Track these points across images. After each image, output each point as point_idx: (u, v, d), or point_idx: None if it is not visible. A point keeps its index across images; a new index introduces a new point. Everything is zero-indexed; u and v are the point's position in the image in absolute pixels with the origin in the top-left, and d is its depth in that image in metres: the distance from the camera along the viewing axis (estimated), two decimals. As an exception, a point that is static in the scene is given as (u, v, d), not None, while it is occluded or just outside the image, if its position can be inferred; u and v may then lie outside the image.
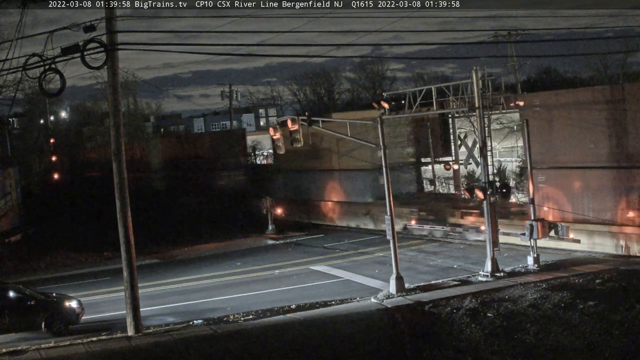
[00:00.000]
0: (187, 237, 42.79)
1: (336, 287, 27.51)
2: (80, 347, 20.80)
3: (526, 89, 61.44)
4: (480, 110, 26.69)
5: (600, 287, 23.18)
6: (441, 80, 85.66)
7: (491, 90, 27.68)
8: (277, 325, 22.01)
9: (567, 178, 30.20)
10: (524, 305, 21.86)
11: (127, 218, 22.23)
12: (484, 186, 26.38)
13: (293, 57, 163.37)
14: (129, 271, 22.14)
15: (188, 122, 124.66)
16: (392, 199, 25.81)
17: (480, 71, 26.52)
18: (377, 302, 24.09)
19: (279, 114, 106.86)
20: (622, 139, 28.14)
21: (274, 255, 36.19)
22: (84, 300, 25.25)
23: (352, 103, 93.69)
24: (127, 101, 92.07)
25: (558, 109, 30.56)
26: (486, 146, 26.79)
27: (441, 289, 25.00)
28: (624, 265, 26.26)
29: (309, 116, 28.53)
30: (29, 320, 23.01)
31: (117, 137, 22.15)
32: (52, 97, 54.52)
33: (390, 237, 25.41)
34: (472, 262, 29.58)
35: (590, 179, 29.33)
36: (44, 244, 42.81)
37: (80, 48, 19.74)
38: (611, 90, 29.20)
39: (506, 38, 55.56)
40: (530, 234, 27.09)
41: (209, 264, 34.86)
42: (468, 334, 20.22)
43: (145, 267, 34.33)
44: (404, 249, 32.83)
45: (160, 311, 25.35)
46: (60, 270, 35.69)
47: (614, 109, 28.29)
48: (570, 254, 29.05)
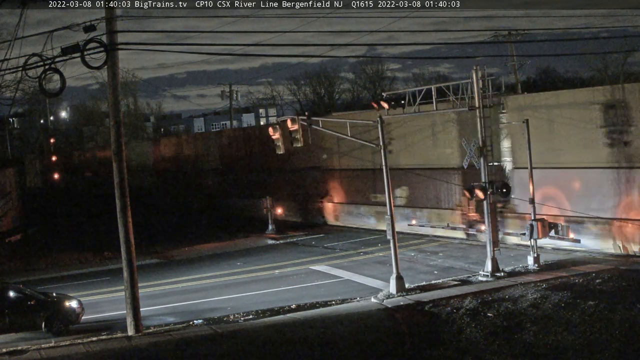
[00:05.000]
0: (187, 237, 42.84)
1: (336, 287, 27.52)
2: (80, 347, 20.80)
3: (526, 89, 61.43)
4: (481, 110, 26.68)
5: (601, 286, 23.19)
6: (441, 80, 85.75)
7: (491, 90, 27.63)
8: (277, 325, 22.00)
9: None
10: (524, 305, 21.86)
11: (127, 218, 22.24)
12: (484, 186, 26.38)
13: (288, 58, 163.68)
14: (129, 271, 22.14)
15: (188, 122, 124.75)
16: (392, 199, 25.83)
17: (480, 71, 26.50)
18: (377, 302, 24.10)
19: (279, 114, 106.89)
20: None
21: (274, 255, 36.20)
22: (84, 300, 25.26)
23: (352, 103, 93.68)
24: (127, 101, 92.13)
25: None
26: (486, 146, 26.78)
27: (441, 289, 25.00)
28: (624, 265, 26.27)
29: (308, 116, 28.53)
30: (29, 320, 23.03)
31: (117, 137, 22.15)
32: (52, 97, 54.58)
33: (390, 237, 25.43)
34: (472, 262, 29.59)
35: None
36: (44, 244, 42.83)
37: (80, 48, 19.74)
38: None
39: (506, 38, 55.50)
40: (530, 234, 27.09)
41: (209, 264, 34.87)
42: (468, 333, 20.22)
43: (145, 267, 34.34)
44: (404, 249, 32.84)
45: (160, 311, 25.36)
46: (60, 270, 35.71)
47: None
48: (570, 254, 29.06)
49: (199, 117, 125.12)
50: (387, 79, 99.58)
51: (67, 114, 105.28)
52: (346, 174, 43.16)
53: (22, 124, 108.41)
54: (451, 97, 27.41)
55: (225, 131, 73.08)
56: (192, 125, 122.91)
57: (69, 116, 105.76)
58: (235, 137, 56.82)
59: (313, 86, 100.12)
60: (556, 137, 30.46)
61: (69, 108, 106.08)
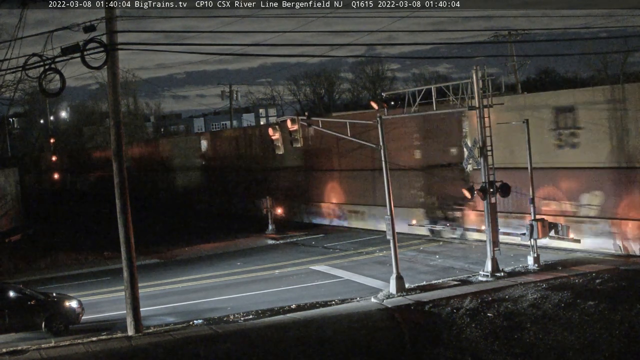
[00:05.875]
0: (187, 237, 42.82)
1: (336, 287, 27.51)
2: (80, 347, 20.81)
3: (526, 88, 61.47)
4: (481, 110, 26.67)
5: (601, 287, 23.19)
6: (440, 80, 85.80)
7: (491, 90, 27.61)
8: (277, 325, 22.01)
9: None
10: (524, 305, 21.86)
11: (127, 218, 22.24)
12: (484, 186, 26.38)
13: (287, 58, 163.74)
14: (129, 271, 22.15)
15: (188, 122, 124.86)
16: (392, 199, 25.82)
17: (480, 71, 26.49)
18: (377, 302, 24.10)
19: (279, 114, 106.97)
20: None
21: (274, 255, 36.19)
22: (84, 300, 25.26)
23: (352, 103, 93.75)
24: (127, 101, 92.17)
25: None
26: (486, 146, 26.76)
27: (441, 289, 25.00)
28: (624, 265, 26.27)
29: (308, 116, 28.53)
30: (29, 320, 23.02)
31: (117, 137, 22.16)
32: (52, 97, 54.54)
33: (390, 237, 25.42)
34: (472, 262, 29.58)
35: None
36: (44, 244, 42.81)
37: (80, 48, 19.75)
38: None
39: (506, 38, 55.57)
40: (530, 234, 27.09)
41: (209, 264, 34.86)
42: (468, 333, 20.22)
43: (145, 267, 34.34)
44: (404, 249, 32.83)
45: (160, 311, 25.36)
46: (60, 270, 35.70)
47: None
48: (570, 254, 29.06)
49: (199, 117, 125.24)
50: (387, 79, 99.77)
51: (67, 113, 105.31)
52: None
53: (22, 123, 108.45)
54: (451, 97, 27.40)
55: (224, 131, 73.03)
56: (192, 125, 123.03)
57: (69, 116, 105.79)
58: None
59: (313, 86, 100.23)
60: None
61: (69, 108, 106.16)
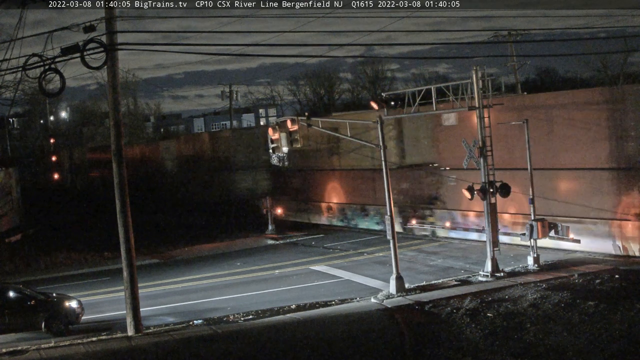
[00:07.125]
0: (187, 237, 42.81)
1: (336, 287, 27.52)
2: (80, 347, 20.81)
3: (526, 89, 61.47)
4: (481, 110, 26.68)
5: (600, 287, 23.20)
6: (440, 80, 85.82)
7: (491, 90, 27.62)
8: (277, 325, 22.01)
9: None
10: (524, 305, 21.87)
11: (127, 218, 22.24)
12: (484, 186, 26.38)
13: (286, 58, 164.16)
14: (129, 271, 22.15)
15: (188, 122, 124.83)
16: (392, 199, 25.83)
17: (480, 71, 26.49)
18: (377, 302, 24.10)
19: (279, 114, 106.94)
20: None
21: (274, 255, 36.20)
22: (84, 300, 25.27)
23: (352, 103, 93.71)
24: (127, 101, 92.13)
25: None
26: (486, 146, 26.77)
27: (441, 289, 25.01)
28: (623, 265, 26.27)
29: (308, 116, 28.51)
30: (29, 320, 23.04)
31: (117, 137, 22.16)
32: (52, 97, 54.58)
33: (390, 237, 25.42)
34: (472, 262, 29.59)
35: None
36: (44, 244, 42.82)
37: (80, 48, 19.75)
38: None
39: (506, 38, 55.53)
40: (530, 234, 27.09)
41: (209, 264, 34.87)
42: (468, 333, 20.21)
43: (145, 267, 34.36)
44: (404, 249, 32.85)
45: (160, 311, 25.36)
46: (60, 270, 35.72)
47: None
48: (570, 254, 29.06)
49: (199, 117, 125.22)
50: (387, 79, 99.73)
51: (66, 114, 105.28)
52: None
53: (22, 124, 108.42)
54: (451, 98, 27.41)
55: (224, 131, 72.98)
56: (192, 125, 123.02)
57: (68, 116, 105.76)
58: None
59: (313, 86, 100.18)
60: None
61: (68, 108, 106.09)
